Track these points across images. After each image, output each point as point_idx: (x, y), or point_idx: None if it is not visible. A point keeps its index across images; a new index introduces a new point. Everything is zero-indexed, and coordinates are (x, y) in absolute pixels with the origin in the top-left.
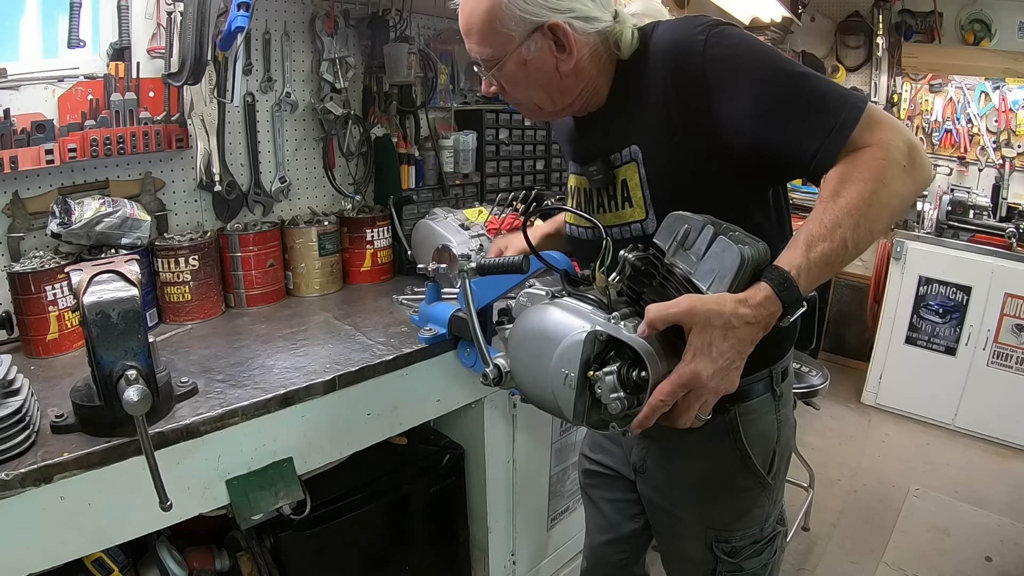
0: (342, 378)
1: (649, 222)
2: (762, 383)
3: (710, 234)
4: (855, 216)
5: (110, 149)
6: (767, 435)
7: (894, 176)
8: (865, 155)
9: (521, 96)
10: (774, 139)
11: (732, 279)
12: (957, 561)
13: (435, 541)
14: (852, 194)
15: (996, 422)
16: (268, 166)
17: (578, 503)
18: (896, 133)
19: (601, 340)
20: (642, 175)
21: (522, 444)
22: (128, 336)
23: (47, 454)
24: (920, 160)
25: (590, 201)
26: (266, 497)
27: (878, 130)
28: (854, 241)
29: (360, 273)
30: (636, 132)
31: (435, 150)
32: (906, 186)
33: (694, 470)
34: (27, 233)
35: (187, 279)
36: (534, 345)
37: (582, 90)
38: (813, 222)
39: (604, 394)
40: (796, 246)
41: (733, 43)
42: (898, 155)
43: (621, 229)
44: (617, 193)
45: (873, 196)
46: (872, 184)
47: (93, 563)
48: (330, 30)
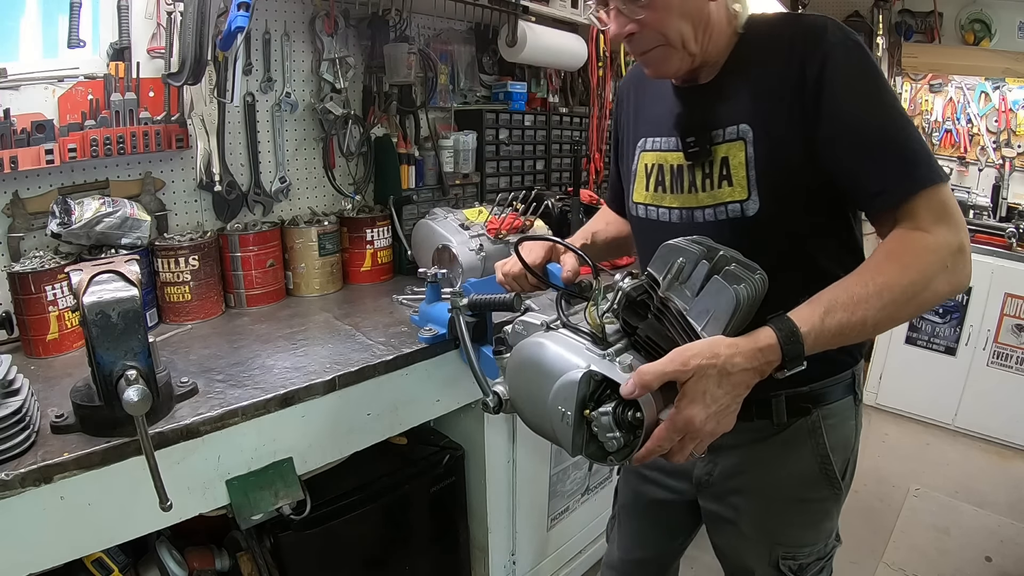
0: (342, 378)
1: (751, 203)
2: (843, 385)
3: (705, 271)
4: (884, 299)
5: (110, 149)
6: (847, 440)
7: (936, 276)
8: (918, 243)
9: (668, 27)
10: (856, 158)
11: (727, 321)
12: (957, 561)
13: (435, 541)
14: (890, 278)
15: (996, 422)
16: (268, 166)
17: (578, 503)
18: (955, 233)
19: (596, 380)
20: (749, 155)
21: (522, 444)
22: (128, 336)
23: (47, 454)
24: (963, 266)
25: (678, 180)
26: (266, 497)
27: (943, 220)
28: (874, 322)
29: (360, 273)
30: (748, 111)
31: (435, 150)
32: (942, 288)
33: (767, 480)
34: (27, 233)
35: (187, 279)
36: (531, 379)
37: (711, 43)
38: (842, 289)
39: (600, 433)
40: (816, 306)
41: (859, 55)
42: (947, 256)
43: (716, 210)
44: (715, 171)
45: (909, 287)
46: (913, 275)
47: (93, 563)
48: (330, 30)
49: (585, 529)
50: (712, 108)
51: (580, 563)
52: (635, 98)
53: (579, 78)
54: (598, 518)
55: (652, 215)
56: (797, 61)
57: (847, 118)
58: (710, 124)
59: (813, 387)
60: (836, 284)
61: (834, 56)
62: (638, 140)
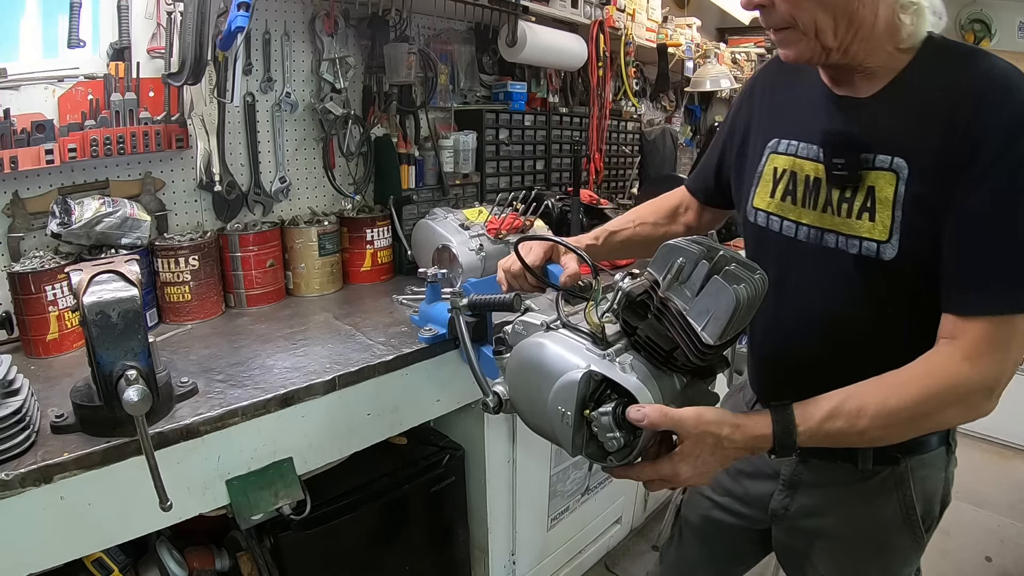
0: (342, 378)
1: (888, 248)
2: (937, 435)
3: (705, 271)
4: (890, 421)
5: (110, 149)
6: (936, 492)
7: (952, 408)
8: (952, 376)
9: (801, 10)
10: (967, 247)
11: (727, 321)
12: (957, 561)
13: (435, 541)
14: (904, 402)
15: (996, 422)
16: (268, 166)
17: (578, 503)
18: (997, 372)
19: (596, 379)
20: (899, 193)
21: (522, 444)
22: (128, 336)
23: (47, 454)
24: (982, 405)
25: (812, 193)
26: (266, 497)
27: (995, 354)
28: (871, 438)
29: (360, 273)
30: (906, 145)
31: (435, 150)
32: (953, 419)
33: (848, 524)
34: (27, 233)
35: (187, 279)
36: (531, 379)
37: (858, 46)
38: (855, 397)
39: (600, 433)
40: (823, 405)
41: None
42: (978, 393)
43: (848, 241)
44: (856, 198)
45: (922, 418)
46: (930, 406)
47: (93, 563)
48: (330, 30)
49: (585, 529)
50: (868, 128)
51: (580, 563)
52: (771, 92)
53: (579, 78)
54: (598, 518)
55: (775, 226)
56: (970, 114)
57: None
58: (862, 145)
59: None
60: (854, 387)
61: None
62: (769, 139)
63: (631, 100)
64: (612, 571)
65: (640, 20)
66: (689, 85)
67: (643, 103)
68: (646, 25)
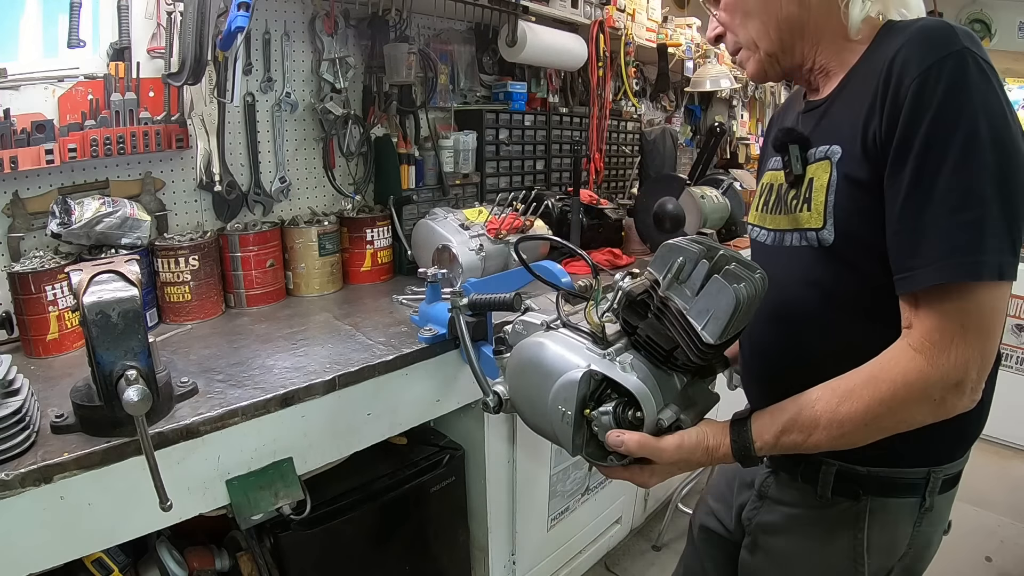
0: (342, 378)
1: (826, 232)
2: (906, 483)
3: (705, 270)
4: (844, 428)
5: (110, 149)
6: (892, 548)
7: (915, 406)
8: (907, 374)
9: (735, 28)
10: (900, 219)
11: (727, 320)
12: (957, 561)
13: (435, 541)
14: (856, 406)
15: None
16: (268, 166)
17: (578, 503)
18: (961, 362)
19: (597, 379)
20: (832, 178)
21: (522, 444)
22: (128, 336)
23: (47, 454)
24: (956, 400)
25: (780, 200)
26: (266, 497)
27: (956, 341)
28: (829, 447)
29: (360, 273)
30: (840, 129)
31: (435, 150)
32: (922, 418)
33: (796, 550)
34: (27, 233)
35: (187, 279)
36: (531, 379)
37: (805, 47)
38: (808, 407)
39: (600, 432)
40: (777, 418)
41: (953, 93)
42: (941, 388)
43: (798, 235)
44: (801, 193)
45: (880, 421)
46: (885, 407)
47: (93, 563)
48: (330, 30)
49: (585, 529)
50: (817, 126)
51: (580, 563)
52: (782, 113)
53: (579, 78)
54: (598, 518)
55: (755, 235)
56: (897, 72)
57: (911, 164)
58: (806, 143)
59: (870, 470)
60: (806, 396)
61: (931, 79)
62: (768, 159)
63: (631, 100)
64: (612, 571)
65: (640, 20)
66: (689, 85)
67: (643, 103)
68: (646, 25)
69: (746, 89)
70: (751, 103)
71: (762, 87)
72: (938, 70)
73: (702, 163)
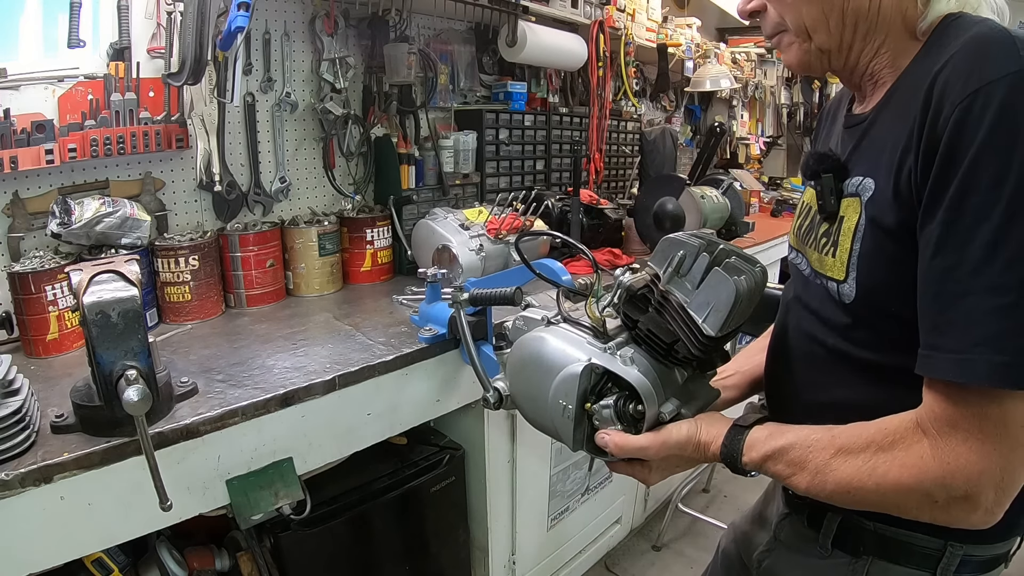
0: (342, 378)
1: (846, 287)
2: (920, 553)
3: (705, 263)
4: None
5: (110, 149)
6: None
7: (909, 497)
8: (912, 443)
9: (789, 11)
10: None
11: (727, 313)
12: None
13: (435, 541)
14: (845, 470)
15: None
16: (268, 166)
17: (578, 503)
18: (981, 474)
19: (598, 372)
20: (860, 222)
21: (522, 444)
22: (128, 336)
23: (47, 454)
24: (968, 518)
25: (812, 231)
26: (266, 497)
27: (978, 444)
28: (808, 493)
29: (360, 273)
30: (878, 157)
31: (435, 150)
32: (918, 512)
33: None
34: (27, 233)
35: (187, 279)
36: (531, 374)
37: (866, 44)
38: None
39: (602, 426)
40: (769, 443)
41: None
42: (943, 491)
43: (822, 281)
44: (832, 232)
45: (858, 491)
46: (873, 483)
47: (93, 563)
48: (330, 30)
49: (585, 529)
50: (856, 148)
51: (580, 563)
52: (827, 121)
53: (579, 78)
54: (598, 518)
55: (792, 257)
56: (937, 95)
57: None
58: (842, 170)
59: (877, 527)
60: (807, 432)
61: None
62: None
63: (631, 100)
64: (612, 571)
65: (640, 20)
66: (689, 85)
67: (643, 103)
68: (646, 25)
69: (746, 89)
70: (751, 103)
71: (762, 87)
72: (986, 96)
73: (702, 163)
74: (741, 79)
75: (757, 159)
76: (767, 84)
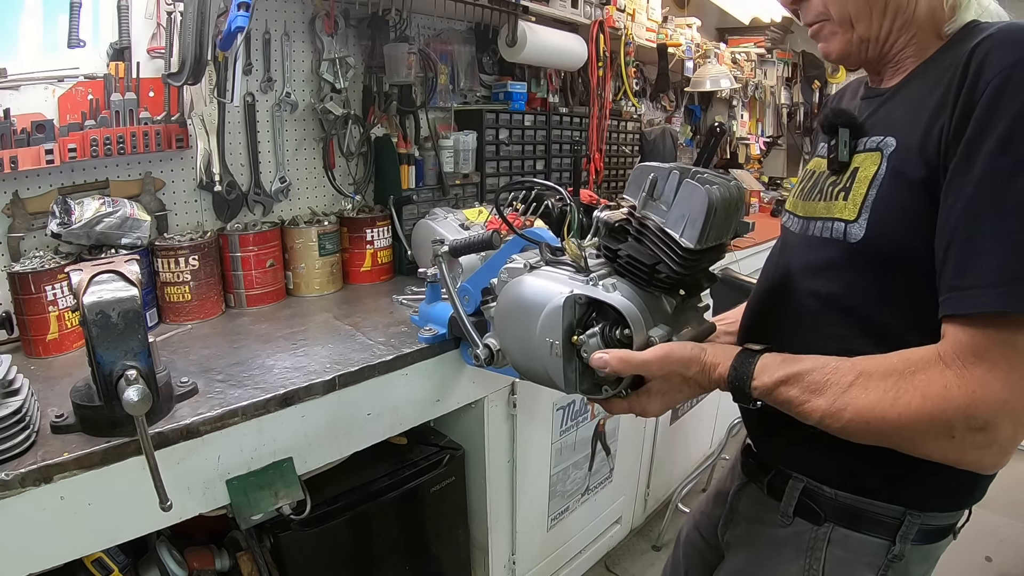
0: (342, 378)
1: (856, 227)
2: (877, 520)
3: (676, 179)
4: (840, 413)
5: (110, 149)
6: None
7: (926, 429)
8: (934, 373)
9: (834, 4)
10: (951, 234)
11: (703, 223)
12: (957, 561)
13: (435, 541)
14: (865, 398)
15: None
16: (268, 166)
17: (578, 503)
18: (1004, 404)
19: (581, 303)
20: (880, 171)
21: (522, 444)
22: (128, 336)
23: (47, 454)
24: (981, 457)
25: (816, 187)
26: (266, 497)
27: (997, 369)
28: (820, 422)
29: (360, 273)
30: (899, 121)
31: (435, 150)
32: (930, 450)
33: (749, 571)
34: (27, 233)
35: (187, 279)
36: (517, 318)
37: (899, 35)
38: (820, 367)
39: (590, 357)
40: (785, 367)
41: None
42: (963, 420)
43: (824, 225)
44: (842, 181)
45: (876, 422)
46: (895, 413)
47: (93, 563)
48: (330, 30)
49: (585, 529)
50: (874, 113)
51: (580, 563)
52: (838, 101)
53: (579, 78)
54: (598, 518)
55: (784, 220)
56: (975, 66)
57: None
58: (859, 130)
59: (837, 494)
60: (827, 359)
61: (1015, 76)
62: (816, 147)
63: (631, 100)
64: (612, 571)
65: (640, 20)
66: (689, 85)
67: (643, 103)
68: (646, 25)
69: (746, 89)
70: (751, 103)
71: (762, 87)
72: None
73: (702, 163)
74: (741, 79)
75: (757, 159)
76: (767, 84)
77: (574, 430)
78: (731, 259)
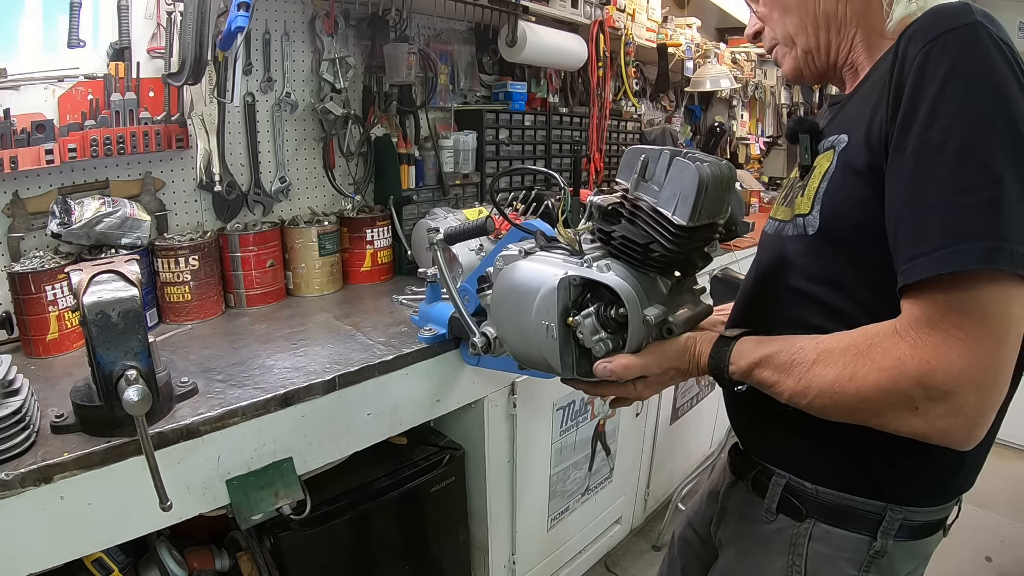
0: (342, 378)
1: (811, 219)
2: (858, 515)
3: (667, 159)
4: (808, 390)
5: (110, 149)
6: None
7: (885, 400)
8: (889, 344)
9: (773, 22)
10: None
11: (694, 200)
12: (957, 561)
13: (435, 541)
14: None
15: None
16: (268, 166)
17: (578, 503)
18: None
19: (575, 285)
20: (832, 166)
21: (522, 444)
22: (128, 336)
23: (47, 454)
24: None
25: (791, 192)
26: (266, 497)
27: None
28: (792, 400)
29: (360, 273)
30: (851, 120)
31: (435, 150)
32: (896, 422)
33: (735, 568)
34: (27, 233)
35: (187, 279)
36: (513, 302)
37: (844, 44)
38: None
39: (586, 338)
40: (757, 350)
41: (963, 63)
42: (921, 390)
43: (793, 223)
44: (805, 180)
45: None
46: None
47: (93, 563)
48: (330, 30)
49: (585, 529)
50: (834, 119)
51: (580, 563)
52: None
53: (579, 78)
54: (598, 518)
55: (767, 229)
56: (903, 48)
57: (913, 142)
58: (821, 133)
59: (819, 490)
60: (793, 339)
61: (936, 48)
62: None
63: (631, 100)
64: (612, 571)
65: (640, 20)
66: (689, 85)
67: (643, 103)
68: (646, 25)
69: (746, 89)
70: (751, 103)
71: (762, 87)
72: (945, 41)
73: None
74: (741, 79)
75: (757, 159)
76: (767, 84)
77: (574, 430)
78: (731, 259)
